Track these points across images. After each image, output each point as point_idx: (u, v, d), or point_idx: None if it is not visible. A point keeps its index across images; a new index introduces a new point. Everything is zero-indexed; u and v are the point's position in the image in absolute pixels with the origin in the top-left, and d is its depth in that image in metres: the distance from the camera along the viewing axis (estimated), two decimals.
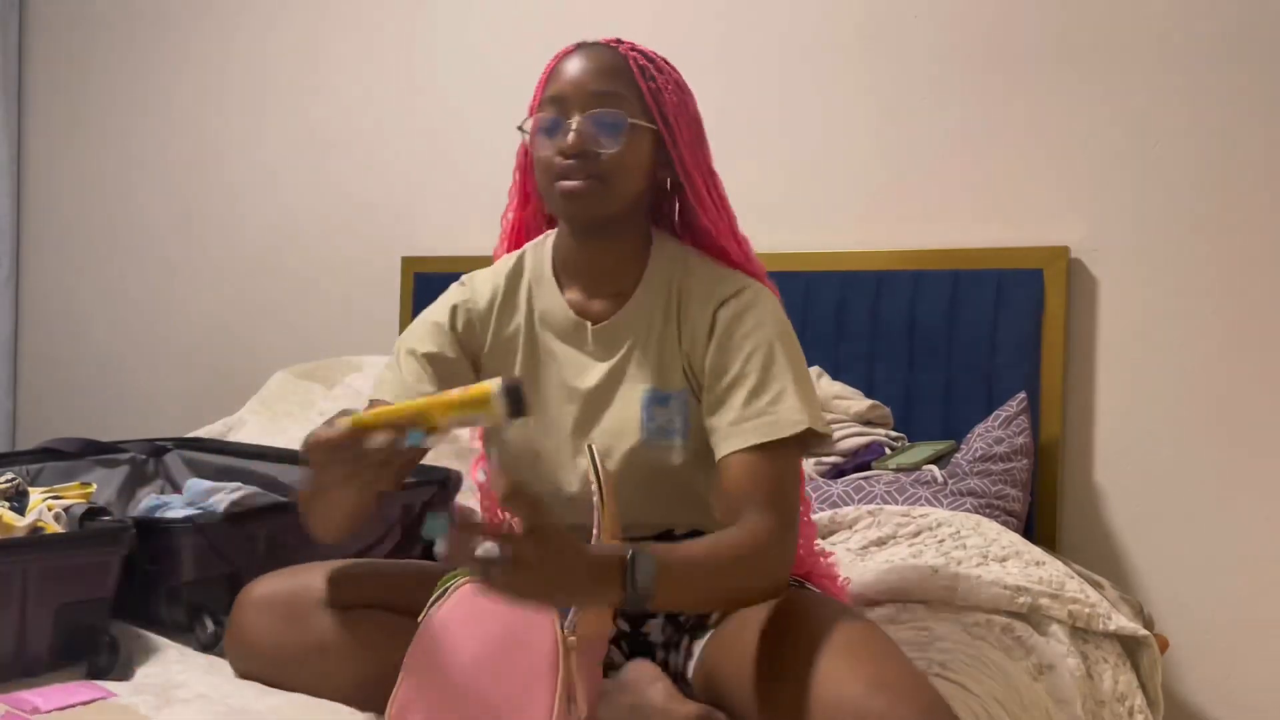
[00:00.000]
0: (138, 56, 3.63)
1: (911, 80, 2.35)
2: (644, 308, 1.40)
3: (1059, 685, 1.60)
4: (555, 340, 1.42)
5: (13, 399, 3.94)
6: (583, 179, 1.32)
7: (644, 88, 1.35)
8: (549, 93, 1.37)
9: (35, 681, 1.41)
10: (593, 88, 1.34)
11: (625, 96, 1.34)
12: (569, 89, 1.35)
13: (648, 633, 1.43)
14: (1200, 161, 2.09)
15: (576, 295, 1.43)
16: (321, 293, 3.22)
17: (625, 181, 1.34)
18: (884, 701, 1.07)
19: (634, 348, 1.40)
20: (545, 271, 1.45)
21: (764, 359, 1.32)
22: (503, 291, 1.46)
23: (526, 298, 1.45)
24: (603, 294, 1.42)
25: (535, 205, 1.51)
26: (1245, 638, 2.06)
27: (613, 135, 1.33)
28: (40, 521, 1.56)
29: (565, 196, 1.33)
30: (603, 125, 1.33)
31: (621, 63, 1.37)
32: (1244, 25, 2.05)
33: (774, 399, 1.29)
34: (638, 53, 1.39)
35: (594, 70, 1.35)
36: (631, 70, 1.36)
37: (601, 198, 1.33)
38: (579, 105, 1.34)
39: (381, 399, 1.38)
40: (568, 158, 1.33)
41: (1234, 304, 2.06)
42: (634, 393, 1.38)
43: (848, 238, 2.39)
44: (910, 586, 1.72)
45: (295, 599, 1.39)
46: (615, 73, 1.36)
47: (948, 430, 2.22)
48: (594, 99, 1.34)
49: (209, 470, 2.21)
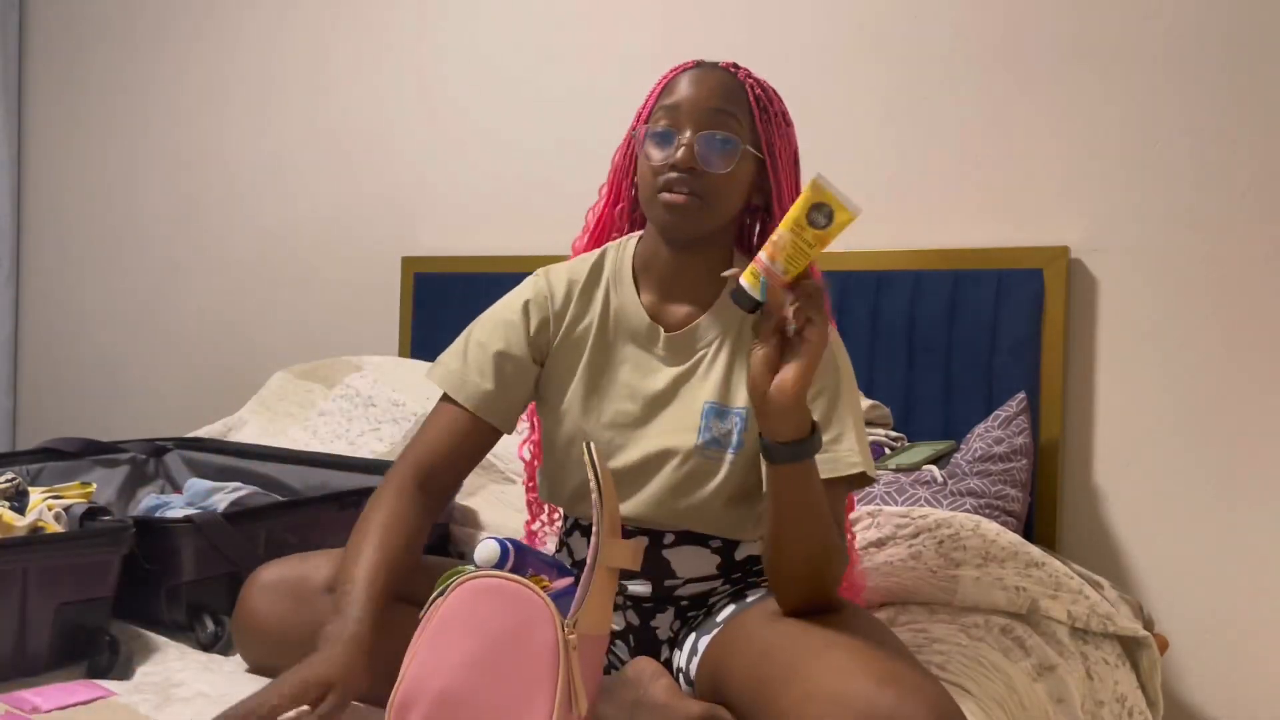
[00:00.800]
0: (138, 56, 3.63)
1: (911, 81, 2.35)
2: (718, 322, 1.44)
3: (1059, 686, 1.60)
4: (626, 341, 1.46)
5: (13, 399, 3.94)
6: (686, 194, 1.36)
7: (756, 115, 1.39)
8: (665, 101, 1.39)
9: (35, 681, 1.41)
10: (709, 105, 1.37)
11: (739, 120, 1.38)
12: (686, 102, 1.38)
13: (656, 627, 1.44)
14: (1200, 162, 2.09)
15: (653, 300, 1.47)
16: (321, 293, 3.22)
17: (726, 202, 1.38)
18: (892, 696, 1.07)
19: (703, 360, 1.43)
20: (625, 273, 1.48)
21: (829, 400, 1.38)
22: (580, 287, 1.49)
23: (604, 296, 1.48)
24: (679, 302, 1.46)
25: (625, 205, 1.54)
26: (1245, 638, 2.06)
27: (723, 156, 1.36)
28: (40, 521, 1.57)
29: (667, 208, 1.37)
30: (714, 145, 1.36)
31: (739, 87, 1.39)
32: (1244, 26, 2.05)
33: (835, 439, 1.35)
34: (754, 81, 1.41)
35: (712, 89, 1.38)
36: (747, 97, 1.39)
37: (701, 215, 1.37)
38: (693, 121, 1.37)
39: (448, 394, 1.45)
40: (676, 171, 1.36)
41: (1234, 304, 2.07)
42: (695, 401, 1.41)
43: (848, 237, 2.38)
44: (909, 588, 1.72)
45: (302, 582, 1.42)
46: (732, 96, 1.38)
47: (947, 430, 2.22)
48: (709, 117, 1.37)
49: (209, 470, 2.22)
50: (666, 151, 1.37)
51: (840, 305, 2.32)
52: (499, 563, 1.17)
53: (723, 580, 1.45)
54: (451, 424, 1.45)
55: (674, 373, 1.43)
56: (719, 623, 1.37)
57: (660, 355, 1.44)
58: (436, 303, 2.91)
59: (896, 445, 2.15)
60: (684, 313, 1.45)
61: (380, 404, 2.53)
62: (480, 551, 1.18)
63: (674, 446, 1.40)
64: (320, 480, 2.11)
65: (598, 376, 1.46)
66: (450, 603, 1.15)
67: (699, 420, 1.40)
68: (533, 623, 1.12)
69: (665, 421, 1.41)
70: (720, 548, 1.44)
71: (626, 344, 1.46)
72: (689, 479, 1.40)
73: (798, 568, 1.27)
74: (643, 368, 1.44)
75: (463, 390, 1.45)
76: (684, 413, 1.41)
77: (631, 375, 1.44)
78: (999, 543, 1.74)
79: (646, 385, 1.43)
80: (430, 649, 1.13)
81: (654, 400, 1.43)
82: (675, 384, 1.43)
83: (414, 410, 2.48)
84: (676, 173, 1.35)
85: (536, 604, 1.12)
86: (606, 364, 1.46)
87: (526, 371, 1.47)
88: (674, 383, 1.43)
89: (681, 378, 1.43)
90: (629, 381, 1.44)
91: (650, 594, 1.44)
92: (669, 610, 1.44)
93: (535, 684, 1.10)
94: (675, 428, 1.40)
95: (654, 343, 1.45)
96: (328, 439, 2.50)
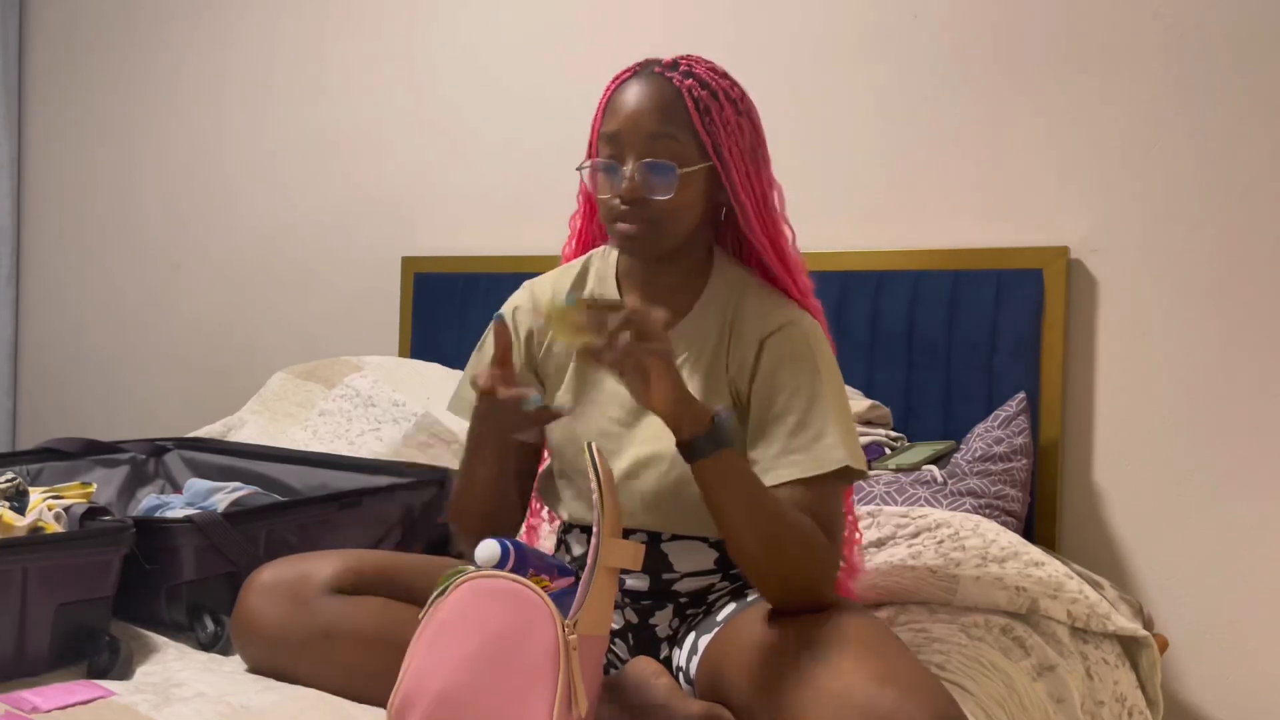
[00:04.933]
0: (138, 57, 3.63)
1: (912, 81, 2.35)
2: (699, 325, 1.45)
3: (1059, 685, 1.60)
4: None
5: (13, 399, 3.94)
6: (637, 223, 1.37)
7: (698, 123, 1.37)
8: (605, 129, 1.40)
9: (35, 681, 1.41)
10: (647, 129, 1.36)
11: (678, 139, 1.37)
12: (624, 129, 1.37)
13: (655, 625, 1.44)
14: (1201, 162, 2.09)
15: (637, 305, 1.47)
16: (321, 293, 3.22)
17: (679, 224, 1.39)
18: (892, 696, 1.07)
19: (685, 362, 1.43)
20: (609, 279, 1.50)
21: (808, 396, 1.37)
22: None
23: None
24: (662, 306, 1.45)
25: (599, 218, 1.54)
26: (1245, 638, 2.06)
27: (666, 183, 1.36)
28: (40, 521, 1.57)
29: (623, 237, 1.39)
30: (657, 172, 1.36)
31: (676, 98, 1.37)
32: (1244, 26, 2.05)
33: (815, 436, 1.35)
34: (693, 81, 1.38)
35: (649, 110, 1.37)
36: (686, 106, 1.37)
37: (656, 240, 1.39)
38: (634, 149, 1.37)
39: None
40: (625, 202, 1.37)
41: (1234, 304, 2.06)
42: None
43: (848, 238, 2.39)
44: (909, 588, 1.72)
45: (301, 582, 1.43)
46: (670, 112, 1.37)
47: (947, 430, 2.22)
48: (649, 144, 1.36)
49: (209, 470, 2.22)
50: (613, 183, 1.38)
51: (840, 305, 2.32)
52: (499, 563, 1.17)
53: (720, 576, 1.45)
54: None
55: None
56: (719, 622, 1.37)
57: None
58: (436, 303, 2.91)
59: (896, 445, 2.15)
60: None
61: (380, 404, 2.53)
62: (481, 551, 1.18)
63: (661, 451, 1.40)
64: (320, 480, 2.11)
65: (585, 384, 1.47)
66: (451, 603, 1.15)
67: None
68: (533, 623, 1.12)
69: (652, 426, 1.40)
70: (718, 543, 1.44)
71: None
72: (679, 482, 1.39)
73: (758, 563, 1.28)
74: None
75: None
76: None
77: (618, 382, 1.44)
78: (999, 543, 1.74)
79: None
80: (431, 649, 1.13)
81: (640, 405, 1.43)
82: None
83: (414, 410, 2.47)
84: (625, 204, 1.37)
85: (537, 604, 1.12)
86: (593, 371, 1.46)
87: (528, 380, 1.50)
88: None
89: None
90: (616, 389, 1.44)
91: (648, 589, 1.44)
92: (668, 607, 1.44)
93: (535, 684, 1.10)
94: (662, 432, 1.39)
95: None
96: (328, 439, 2.50)
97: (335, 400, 2.60)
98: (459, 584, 1.15)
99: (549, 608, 1.12)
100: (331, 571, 1.43)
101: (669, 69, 1.39)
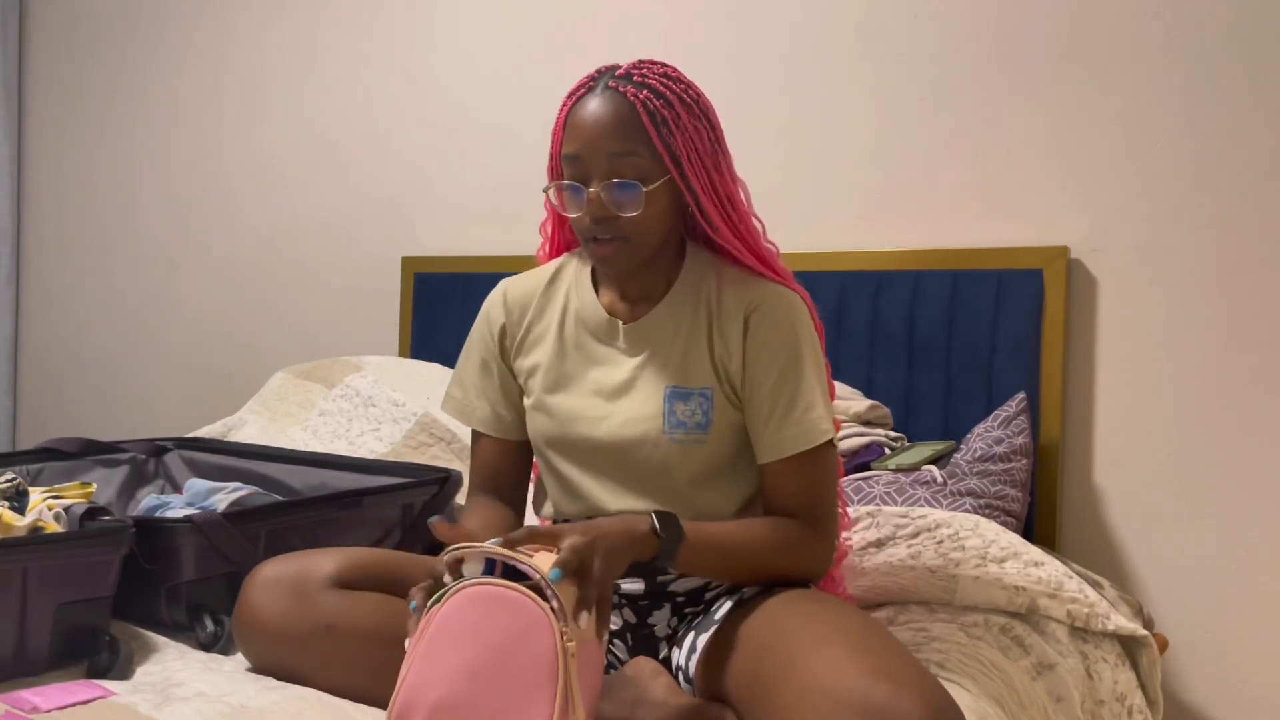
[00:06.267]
0: (137, 57, 3.63)
1: (911, 81, 2.35)
2: (674, 309, 1.47)
3: (1058, 684, 1.60)
4: (588, 336, 1.50)
5: (13, 399, 3.94)
6: (609, 239, 1.40)
7: (655, 136, 1.37)
8: (567, 150, 1.41)
9: (35, 681, 1.41)
10: (608, 149, 1.37)
11: (639, 154, 1.38)
12: (585, 153, 1.38)
13: (653, 624, 1.45)
14: (1200, 161, 2.09)
15: (612, 299, 1.51)
16: (321, 293, 3.22)
17: (650, 235, 1.42)
18: (886, 690, 1.08)
19: (661, 346, 1.46)
20: (585, 277, 1.53)
21: (797, 372, 1.42)
22: (541, 292, 1.55)
23: (564, 298, 1.53)
24: (636, 299, 1.50)
25: (570, 226, 1.56)
26: (1245, 638, 2.06)
27: (632, 201, 1.37)
28: (40, 521, 1.56)
29: (598, 256, 1.42)
30: (620, 192, 1.37)
31: (631, 114, 1.37)
32: (1244, 25, 2.05)
33: (806, 408, 1.41)
34: (648, 91, 1.38)
35: (607, 129, 1.37)
36: (642, 120, 1.37)
37: (631, 255, 1.41)
38: (597, 170, 1.38)
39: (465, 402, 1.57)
40: (594, 221, 1.39)
41: (1234, 304, 2.06)
42: (657, 387, 1.44)
43: (847, 238, 2.39)
44: (909, 587, 1.72)
45: (302, 577, 1.43)
46: (626, 129, 1.37)
47: (947, 430, 2.22)
48: (609, 164, 1.37)
49: (209, 470, 2.22)
50: (579, 203, 1.40)
51: (840, 305, 2.32)
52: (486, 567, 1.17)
53: None
54: (483, 450, 1.56)
55: (634, 362, 1.47)
56: (717, 620, 1.37)
57: (621, 348, 1.48)
58: (436, 303, 2.91)
59: (896, 445, 2.15)
60: (641, 306, 1.49)
61: (380, 404, 2.53)
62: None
63: (642, 434, 1.43)
64: (320, 480, 2.11)
65: (561, 375, 1.50)
66: (447, 610, 1.14)
67: (662, 405, 1.43)
68: (531, 630, 1.11)
69: (630, 410, 1.44)
70: None
71: (588, 341, 1.50)
72: (663, 464, 1.42)
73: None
74: (605, 362, 1.48)
75: (472, 417, 1.55)
76: (647, 400, 1.44)
77: (594, 370, 1.48)
78: (999, 543, 1.74)
79: (609, 377, 1.47)
80: (427, 657, 1.12)
81: (617, 390, 1.46)
82: (636, 373, 1.46)
83: (414, 410, 2.47)
84: (594, 222, 1.39)
85: (534, 611, 1.12)
86: (569, 362, 1.50)
87: (506, 380, 1.55)
88: (635, 372, 1.46)
89: (641, 366, 1.46)
90: (593, 376, 1.48)
91: (644, 591, 1.44)
92: (665, 607, 1.45)
93: (533, 691, 1.09)
94: (640, 415, 1.44)
95: (614, 336, 1.48)
96: (328, 439, 2.50)
97: (335, 400, 2.60)
98: (455, 591, 1.14)
99: (547, 615, 1.11)
100: (333, 567, 1.44)
101: (622, 81, 1.39)
